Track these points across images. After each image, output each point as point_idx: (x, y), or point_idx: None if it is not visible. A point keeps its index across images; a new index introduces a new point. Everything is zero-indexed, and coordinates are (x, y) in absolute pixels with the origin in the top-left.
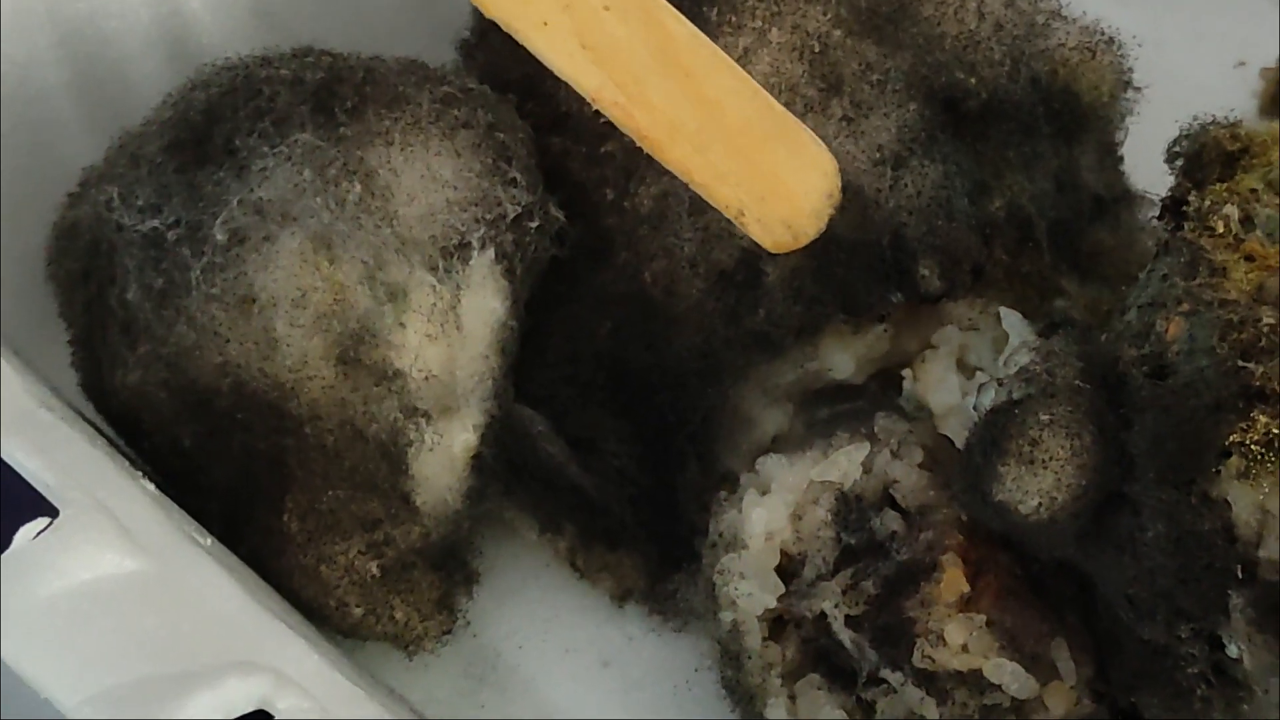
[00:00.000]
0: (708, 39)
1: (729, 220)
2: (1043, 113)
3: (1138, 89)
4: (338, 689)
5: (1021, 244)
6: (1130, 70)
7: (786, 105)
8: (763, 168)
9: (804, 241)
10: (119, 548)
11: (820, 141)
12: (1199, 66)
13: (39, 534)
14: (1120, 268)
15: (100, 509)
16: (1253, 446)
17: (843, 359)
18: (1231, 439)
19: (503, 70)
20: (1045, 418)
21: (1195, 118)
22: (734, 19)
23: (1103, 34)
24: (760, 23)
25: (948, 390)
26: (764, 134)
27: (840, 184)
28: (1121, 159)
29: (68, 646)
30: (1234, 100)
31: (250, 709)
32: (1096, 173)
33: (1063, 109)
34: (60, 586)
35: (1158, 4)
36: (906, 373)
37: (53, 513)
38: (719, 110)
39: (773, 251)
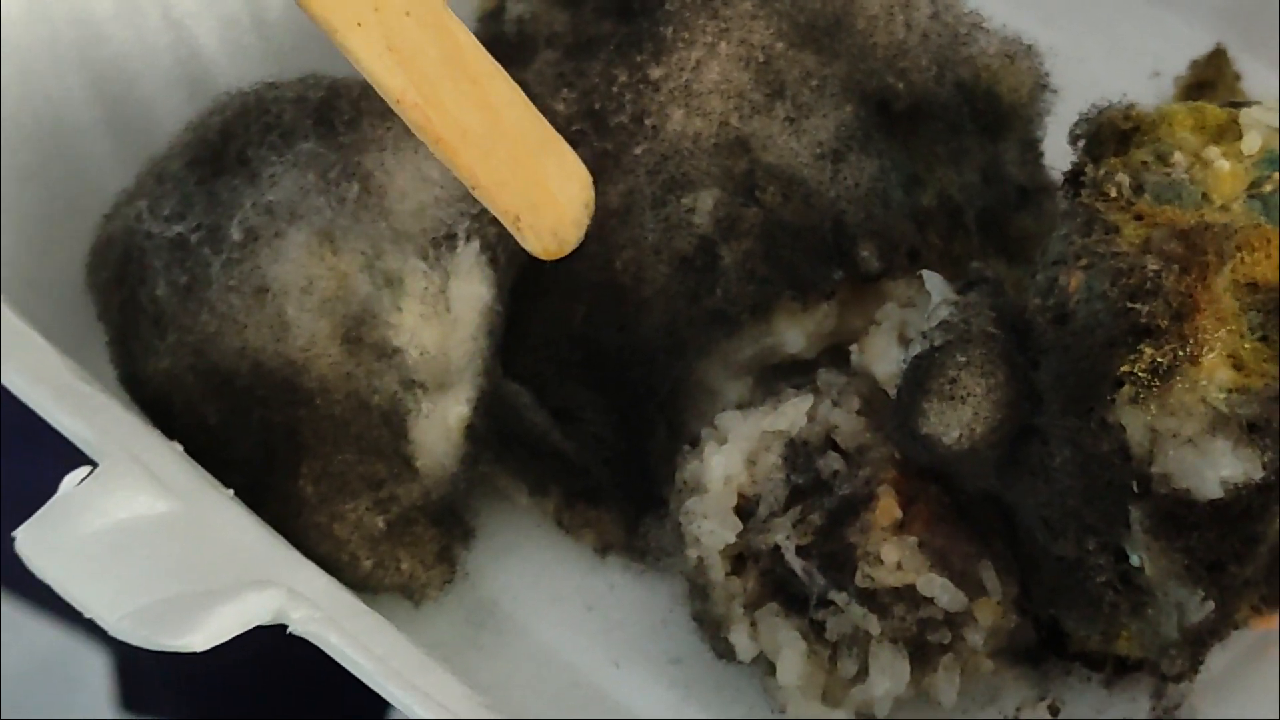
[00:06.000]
0: (485, 50)
1: (687, 210)
2: (968, 113)
3: (1054, 91)
4: (344, 603)
5: (953, 230)
6: (1047, 74)
7: (734, 109)
8: (535, 176)
9: (567, 250)
10: (151, 491)
11: (576, 156)
12: (1118, 76)
13: (81, 481)
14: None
15: (135, 461)
16: (1141, 375)
17: (794, 335)
18: (1123, 370)
19: None
20: (962, 359)
21: (1093, 104)
22: (687, 35)
23: (1021, 43)
24: (710, 38)
25: (890, 360)
26: (536, 143)
27: (593, 196)
28: (1042, 154)
29: (108, 574)
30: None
31: (268, 620)
32: (1019, 166)
33: (986, 109)
34: (101, 524)
35: (1079, 22)
36: (854, 347)
37: (94, 465)
38: (499, 117)
39: (542, 258)
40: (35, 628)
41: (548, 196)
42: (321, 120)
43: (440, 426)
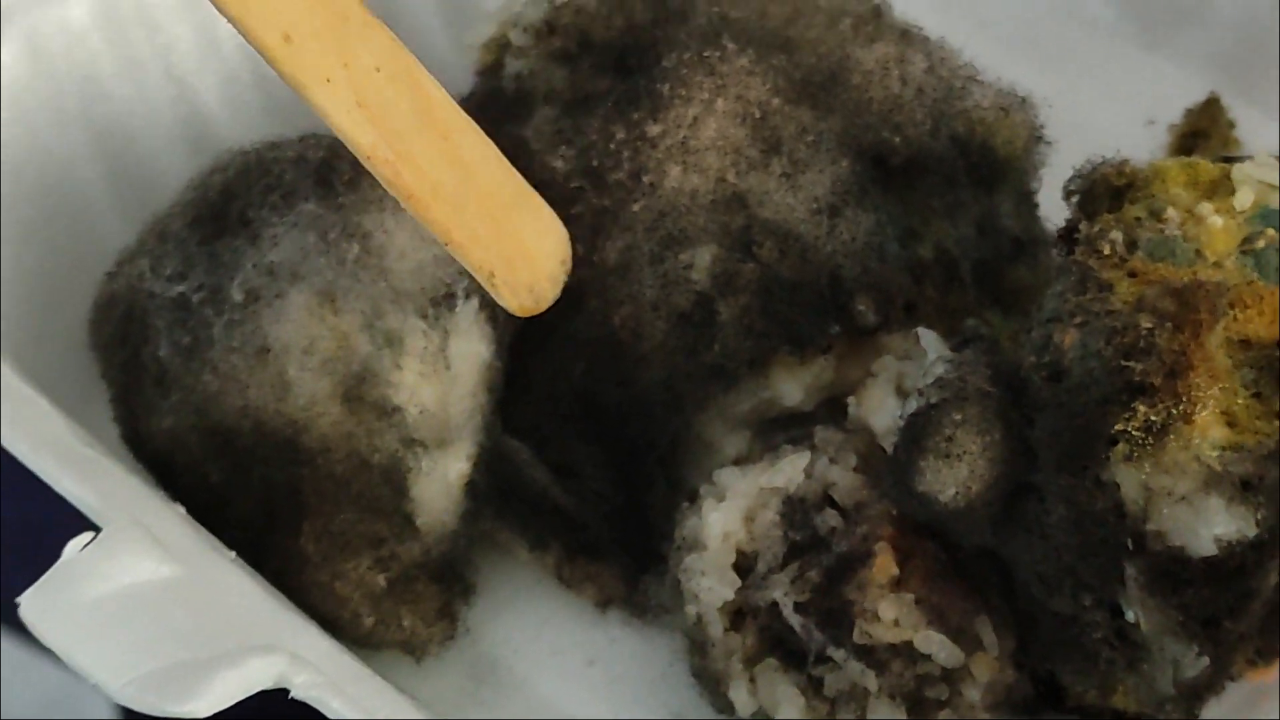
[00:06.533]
0: (457, 105)
1: (685, 267)
2: (963, 166)
3: (1049, 143)
4: (346, 668)
5: (949, 282)
6: (1042, 126)
7: (731, 166)
8: (509, 231)
9: (544, 306)
10: (154, 556)
11: (552, 211)
12: (1112, 125)
13: (84, 546)
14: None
15: (138, 526)
16: (1135, 433)
17: (791, 388)
18: (1117, 428)
19: None
20: (958, 417)
21: (1087, 159)
22: (684, 92)
23: (1016, 95)
24: (707, 94)
25: (887, 413)
26: (510, 198)
27: (570, 252)
28: (1037, 205)
29: (112, 640)
30: (1144, 155)
31: (270, 685)
32: (1015, 218)
33: (981, 162)
34: (105, 590)
35: (1074, 70)
36: (851, 399)
37: (96, 530)
38: (471, 173)
39: (518, 315)
40: (39, 668)
41: (523, 252)
42: (321, 181)
43: (440, 484)
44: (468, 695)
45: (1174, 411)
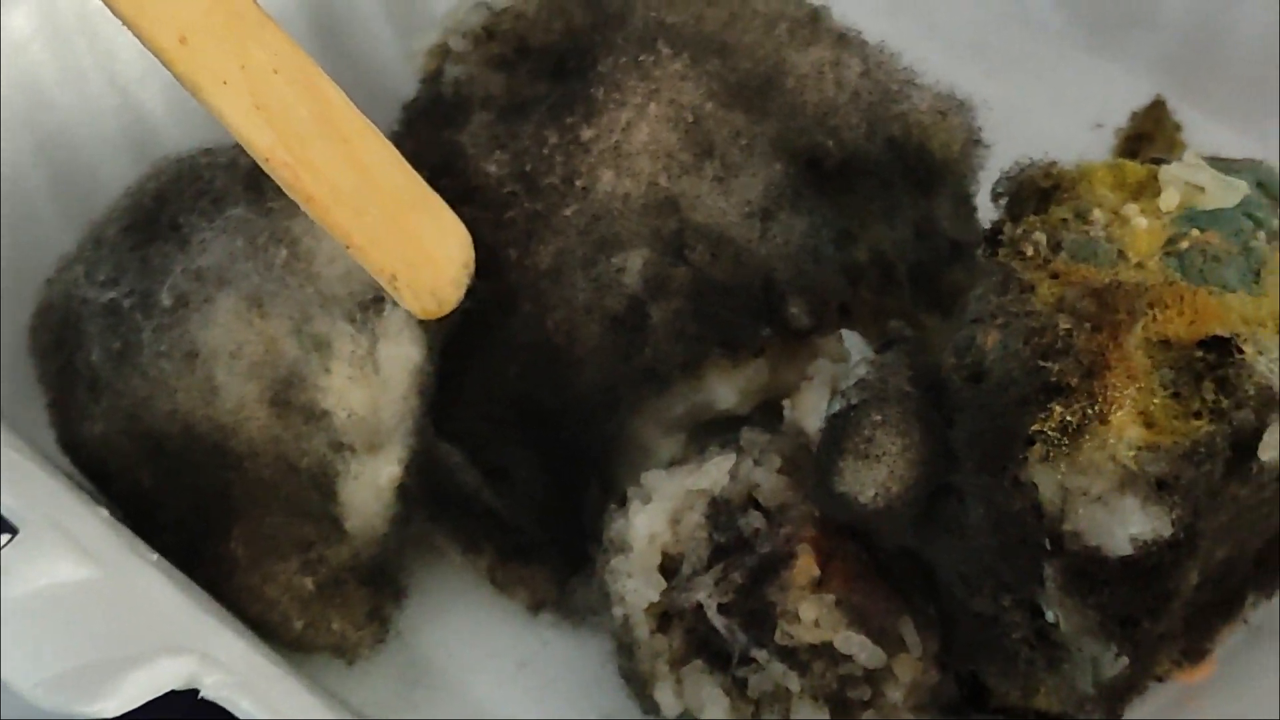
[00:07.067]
0: (356, 108)
1: (617, 270)
2: (899, 169)
3: (987, 146)
4: (261, 668)
5: (885, 285)
6: (980, 129)
7: (663, 170)
8: (411, 234)
9: (447, 309)
10: (71, 558)
11: (454, 214)
12: (1060, 128)
13: (0, 548)
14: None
15: (56, 527)
16: (1051, 433)
17: (725, 391)
18: (1034, 428)
19: (426, 151)
20: (878, 418)
21: (1015, 161)
22: (618, 96)
23: (954, 98)
24: (640, 99)
25: (822, 416)
26: (410, 201)
27: (473, 255)
28: (975, 209)
29: (25, 641)
30: (1092, 158)
31: (180, 685)
32: (952, 221)
33: (918, 165)
34: (20, 591)
35: (1022, 74)
36: (787, 402)
37: (14, 532)
38: (372, 176)
39: (421, 318)
40: None
41: (424, 255)
42: (251, 186)
43: (370, 488)
44: (400, 698)
45: (1090, 412)
